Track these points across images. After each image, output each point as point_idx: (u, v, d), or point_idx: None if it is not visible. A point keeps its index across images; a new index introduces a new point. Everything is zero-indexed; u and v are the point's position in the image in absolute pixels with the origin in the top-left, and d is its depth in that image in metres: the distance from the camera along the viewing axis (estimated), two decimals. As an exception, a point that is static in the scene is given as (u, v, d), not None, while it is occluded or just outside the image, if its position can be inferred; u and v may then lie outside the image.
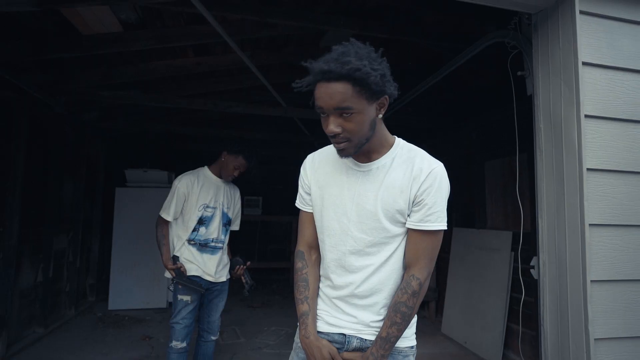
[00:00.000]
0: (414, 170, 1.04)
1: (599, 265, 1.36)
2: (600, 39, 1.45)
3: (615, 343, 1.33)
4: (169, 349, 2.21)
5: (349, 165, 1.08)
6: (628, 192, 1.41)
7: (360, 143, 0.99)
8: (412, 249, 1.05)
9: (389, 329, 1.01)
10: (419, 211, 1.03)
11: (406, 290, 1.03)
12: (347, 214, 1.05)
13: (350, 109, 0.93)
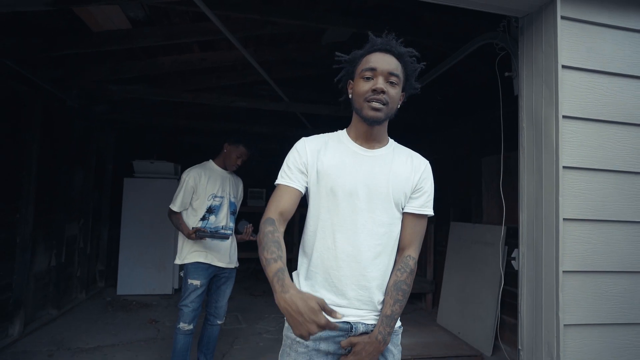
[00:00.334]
0: (414, 163, 1.17)
1: (571, 257, 1.46)
2: (580, 43, 1.53)
3: (583, 329, 1.43)
4: (177, 330, 2.34)
5: (354, 150, 1.14)
6: (601, 189, 1.49)
7: (389, 114, 1.09)
8: (409, 232, 1.13)
9: (393, 307, 1.07)
10: (419, 198, 1.14)
11: (405, 269, 1.10)
12: (358, 195, 1.08)
13: (398, 77, 1.07)
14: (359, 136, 1.15)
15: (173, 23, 2.98)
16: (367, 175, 1.10)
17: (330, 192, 1.09)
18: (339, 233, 1.09)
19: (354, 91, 1.11)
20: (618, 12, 1.55)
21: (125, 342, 3.30)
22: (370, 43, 1.10)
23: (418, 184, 1.15)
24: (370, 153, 1.14)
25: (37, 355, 2.96)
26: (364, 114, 1.08)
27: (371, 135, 1.14)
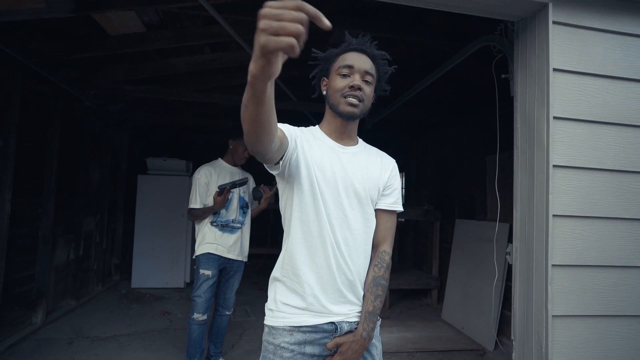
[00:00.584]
0: (384, 161, 1.21)
1: (560, 251, 1.53)
2: (571, 47, 1.59)
3: (571, 320, 1.51)
4: (191, 320, 2.44)
5: (332, 147, 1.14)
6: (590, 187, 1.56)
7: (364, 111, 1.12)
8: (382, 228, 1.16)
9: (374, 302, 1.09)
10: (391, 195, 1.18)
11: (382, 264, 1.13)
12: (339, 191, 1.09)
13: (373, 76, 1.12)
14: (332, 132, 1.16)
15: (185, 26, 3.11)
16: (346, 172, 1.11)
17: (314, 188, 1.07)
18: (323, 229, 1.06)
19: (329, 87, 1.12)
20: (609, 16, 1.61)
21: (140, 332, 3.46)
22: (347, 42, 1.13)
23: (388, 181, 1.18)
24: (347, 150, 1.15)
25: (59, 343, 3.13)
26: (340, 109, 1.09)
27: (345, 132, 1.16)
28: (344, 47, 1.13)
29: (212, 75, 4.15)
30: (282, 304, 1.08)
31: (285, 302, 1.08)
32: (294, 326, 1.06)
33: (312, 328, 1.06)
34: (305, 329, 1.06)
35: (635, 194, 1.57)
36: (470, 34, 2.61)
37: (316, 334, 1.06)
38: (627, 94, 1.60)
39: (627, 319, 1.54)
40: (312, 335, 1.06)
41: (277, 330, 1.06)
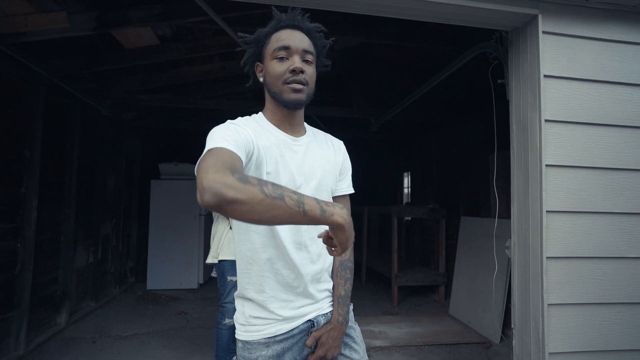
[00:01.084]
0: (335, 145, 1.15)
1: (553, 244, 1.65)
2: (560, 54, 1.71)
3: (564, 308, 1.62)
4: (222, 326, 2.49)
5: (283, 139, 1.02)
6: (581, 183, 1.68)
7: (310, 95, 1.00)
8: None
9: (345, 286, 1.09)
10: (345, 179, 1.14)
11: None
12: (297, 186, 1.00)
13: (313, 55, 1.00)
14: (281, 123, 1.03)
15: (196, 38, 3.27)
16: (301, 167, 1.03)
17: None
18: (285, 232, 0.99)
19: (267, 74, 1.00)
20: (596, 25, 1.72)
21: (159, 330, 3.63)
22: (276, 19, 1.01)
23: (342, 165, 1.14)
24: (301, 141, 1.05)
25: (83, 342, 3.31)
26: (285, 97, 0.97)
27: (294, 120, 1.04)
28: (274, 24, 1.01)
29: (222, 82, 4.31)
30: (252, 317, 1.01)
31: (255, 315, 1.01)
32: (269, 337, 0.99)
33: (288, 334, 1.00)
34: (281, 337, 0.99)
35: (622, 190, 1.69)
36: (469, 39, 2.74)
37: (293, 338, 1.01)
38: (614, 97, 1.72)
39: (617, 306, 1.65)
40: (290, 341, 1.01)
41: (252, 345, 0.99)
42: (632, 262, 1.67)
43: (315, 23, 1.04)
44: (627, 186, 1.70)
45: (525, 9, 1.69)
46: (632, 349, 1.65)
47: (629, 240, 1.68)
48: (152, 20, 2.61)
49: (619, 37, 1.73)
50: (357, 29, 3.02)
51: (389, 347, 3.28)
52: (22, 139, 2.95)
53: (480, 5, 1.65)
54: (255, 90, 4.69)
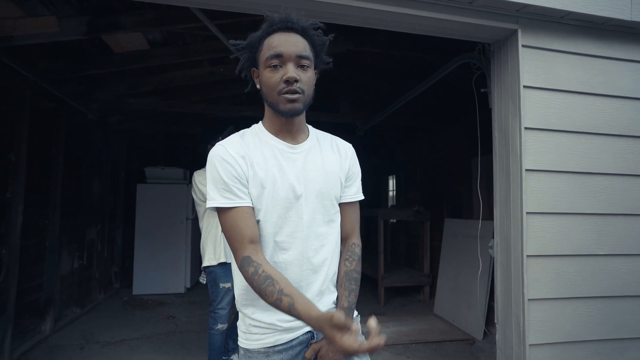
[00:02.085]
0: (340, 149, 1.10)
1: (533, 243, 1.77)
2: (538, 66, 1.84)
3: (543, 302, 1.74)
4: (214, 331, 2.49)
5: (281, 148, 1.01)
6: (557, 187, 1.80)
7: (307, 102, 0.97)
8: (349, 221, 1.10)
9: (349, 297, 1.03)
10: (353, 185, 1.10)
11: (353, 258, 1.08)
12: (298, 197, 0.99)
13: (309, 59, 0.95)
14: (280, 131, 1.02)
15: (187, 43, 3.29)
16: (302, 175, 1.00)
17: (272, 203, 0.97)
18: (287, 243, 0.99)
19: (262, 82, 0.97)
20: (570, 39, 1.86)
21: (148, 335, 3.60)
22: (268, 22, 0.96)
23: (349, 170, 1.09)
24: (299, 148, 1.02)
25: (70, 349, 3.26)
26: (280, 108, 0.95)
27: (293, 128, 1.02)
28: (266, 28, 0.96)
29: (210, 86, 4.33)
30: (252, 326, 1.00)
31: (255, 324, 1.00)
32: (269, 347, 0.98)
33: (288, 344, 0.98)
34: (280, 348, 0.98)
35: (594, 193, 1.83)
36: (454, 47, 2.87)
37: (293, 349, 0.99)
38: (586, 106, 1.86)
39: (591, 300, 1.78)
40: (290, 352, 0.99)
41: (252, 353, 0.99)
42: (602, 258, 1.81)
43: (311, 20, 0.98)
44: (598, 189, 1.84)
45: (506, 24, 1.81)
46: (604, 338, 1.79)
47: (599, 239, 1.82)
48: (143, 26, 2.63)
49: (590, 51, 1.87)
50: (345, 36, 3.11)
51: (378, 346, 3.36)
52: (8, 143, 2.90)
53: (464, 20, 1.76)
54: (244, 94, 4.73)
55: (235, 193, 0.95)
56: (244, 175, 0.96)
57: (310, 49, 0.97)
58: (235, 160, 0.96)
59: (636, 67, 1.89)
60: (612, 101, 1.87)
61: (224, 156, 0.97)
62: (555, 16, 1.82)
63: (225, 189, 0.95)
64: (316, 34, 0.99)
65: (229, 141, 1.01)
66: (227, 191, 0.95)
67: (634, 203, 1.86)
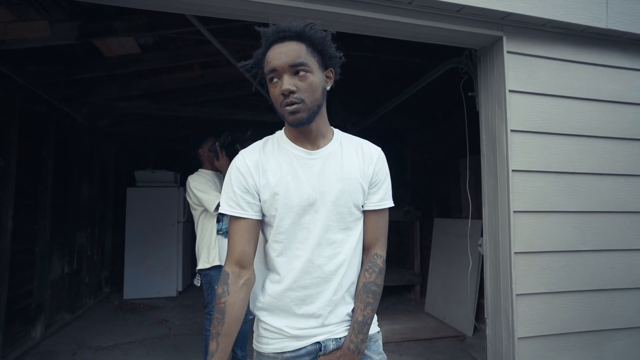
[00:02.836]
0: (365, 153, 1.05)
1: (520, 241, 1.84)
2: (522, 72, 1.92)
3: (530, 297, 1.82)
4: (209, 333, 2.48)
5: (298, 154, 1.01)
6: (542, 186, 1.89)
7: (313, 108, 0.95)
8: (372, 229, 1.04)
9: (364, 311, 0.98)
10: (377, 192, 1.04)
11: (373, 269, 1.02)
12: (312, 204, 0.98)
13: (305, 65, 0.92)
14: (298, 138, 1.02)
15: (178, 47, 3.30)
16: (318, 182, 0.99)
17: (285, 210, 0.98)
18: (299, 250, 0.98)
19: (271, 97, 0.99)
20: (551, 46, 1.95)
21: (141, 339, 3.59)
22: (264, 37, 0.96)
23: (374, 176, 1.04)
24: (316, 155, 1.01)
25: (62, 354, 3.23)
26: (287, 120, 0.96)
27: (311, 134, 1.01)
28: (264, 43, 0.97)
29: (201, 90, 4.34)
30: (263, 329, 1.02)
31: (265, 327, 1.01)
32: (278, 352, 0.99)
33: (296, 352, 0.98)
34: (289, 355, 0.98)
35: (577, 191, 1.92)
36: (443, 51, 2.95)
37: (300, 358, 0.99)
38: (567, 109, 1.95)
39: (575, 294, 1.87)
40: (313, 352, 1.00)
41: (263, 357, 1.01)
42: (585, 254, 1.90)
43: (306, 21, 0.95)
44: (580, 188, 1.93)
45: (491, 31, 1.89)
46: (587, 330, 1.88)
47: (582, 236, 1.91)
48: (135, 31, 2.64)
49: (570, 57, 1.97)
50: (335, 42, 3.16)
51: (371, 345, 3.41)
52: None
53: (452, 27, 1.84)
54: (234, 97, 4.75)
55: (240, 204, 0.99)
56: (254, 186, 0.99)
57: (311, 51, 0.95)
58: (248, 171, 0.99)
59: (611, 71, 2.00)
60: (590, 104, 1.97)
61: (239, 166, 1.01)
62: (538, 24, 1.91)
63: (233, 197, 1.00)
64: (314, 33, 0.95)
65: (248, 150, 1.04)
66: (233, 200, 1.00)
67: (612, 201, 1.96)
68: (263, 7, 1.67)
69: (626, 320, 1.93)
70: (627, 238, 1.96)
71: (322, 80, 0.98)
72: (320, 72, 0.97)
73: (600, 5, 1.90)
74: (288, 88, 0.92)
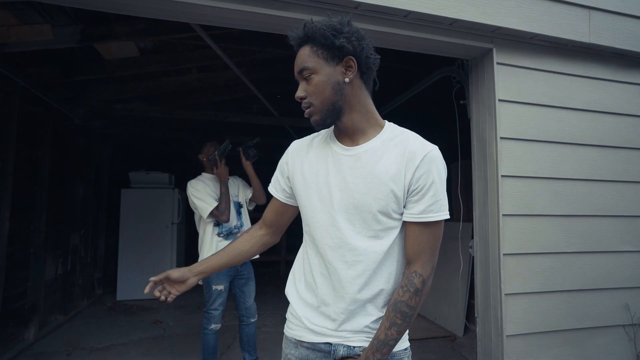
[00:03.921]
0: (407, 153, 0.91)
1: (509, 243, 1.94)
2: (511, 82, 2.03)
3: (518, 296, 1.92)
4: (207, 331, 2.53)
5: (335, 150, 0.97)
6: (529, 191, 1.99)
7: (325, 108, 0.91)
8: (412, 243, 0.92)
9: (388, 330, 0.88)
10: (420, 201, 0.90)
11: (408, 288, 0.90)
12: (333, 203, 0.93)
13: (307, 68, 0.90)
14: (339, 134, 0.99)
15: (177, 51, 3.35)
16: (344, 180, 0.94)
17: (309, 204, 0.98)
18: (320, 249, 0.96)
19: None
20: (539, 58, 2.06)
21: (136, 340, 3.60)
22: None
23: (414, 183, 0.90)
24: (351, 151, 0.95)
25: (56, 355, 3.23)
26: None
27: (347, 131, 0.96)
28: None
29: (198, 92, 4.38)
30: (289, 314, 1.04)
31: (290, 312, 1.04)
32: (298, 340, 0.99)
33: (311, 345, 0.97)
34: (307, 345, 0.98)
35: (562, 196, 2.02)
36: (436, 59, 3.05)
37: (315, 353, 0.97)
38: (553, 118, 2.06)
39: (560, 294, 1.98)
40: (316, 353, 0.97)
41: (287, 340, 1.03)
42: (570, 256, 2.01)
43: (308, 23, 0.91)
44: (565, 193, 2.03)
45: (482, 43, 1.99)
46: (571, 328, 1.98)
47: (567, 238, 2.01)
48: (136, 35, 2.68)
49: (556, 68, 2.08)
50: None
51: (364, 345, 3.48)
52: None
53: (445, 39, 1.93)
54: (230, 100, 4.80)
55: (274, 185, 1.11)
56: (288, 172, 1.05)
57: (315, 50, 0.91)
58: (289, 158, 1.06)
59: (594, 83, 2.12)
60: (574, 114, 2.08)
61: (287, 151, 1.09)
62: (525, 37, 2.02)
63: (274, 176, 1.11)
64: (311, 30, 0.91)
65: (298, 140, 1.09)
66: (274, 178, 1.11)
67: (595, 205, 2.07)
68: (262, 18, 1.74)
69: (608, 318, 2.04)
70: (609, 240, 2.07)
71: (335, 76, 0.91)
72: (331, 67, 0.91)
73: (584, 21, 2.02)
74: (298, 95, 0.94)
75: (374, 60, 0.95)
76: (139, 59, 3.27)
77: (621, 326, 2.03)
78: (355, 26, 0.93)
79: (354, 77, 0.93)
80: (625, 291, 2.04)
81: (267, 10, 1.69)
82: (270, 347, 3.41)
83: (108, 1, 1.59)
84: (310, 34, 0.91)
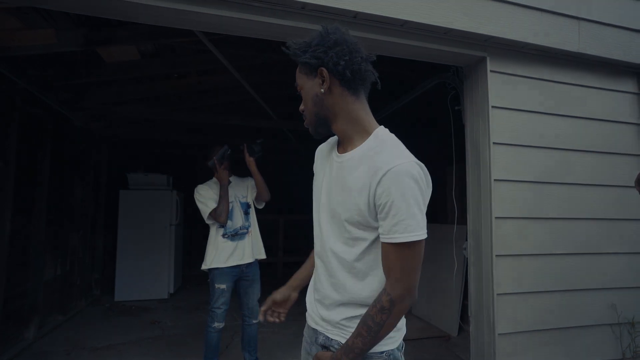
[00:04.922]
0: (372, 168, 0.88)
1: (501, 245, 2.01)
2: (504, 89, 2.10)
3: (510, 296, 1.99)
4: (211, 329, 2.58)
5: (332, 156, 1.02)
6: (520, 194, 2.06)
7: (312, 119, 0.97)
8: (384, 262, 0.89)
9: (355, 338, 0.89)
10: (384, 219, 0.86)
11: (375, 304, 0.88)
12: (320, 207, 1.01)
13: (298, 85, 0.98)
14: (340, 140, 1.02)
15: (177, 55, 3.40)
16: (329, 186, 0.98)
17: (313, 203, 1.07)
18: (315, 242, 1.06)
19: None
20: (529, 66, 2.14)
21: (134, 340, 3.63)
22: None
23: (376, 200, 0.86)
24: (340, 159, 0.97)
25: (56, 355, 3.26)
26: None
27: (341, 138, 1.00)
28: None
29: (197, 95, 4.43)
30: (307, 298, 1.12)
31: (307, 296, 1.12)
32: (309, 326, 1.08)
33: (312, 330, 1.05)
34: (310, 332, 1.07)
35: (551, 199, 2.10)
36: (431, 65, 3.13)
37: (309, 333, 1.07)
38: (543, 124, 2.13)
39: (549, 294, 2.05)
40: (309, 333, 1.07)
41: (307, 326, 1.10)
42: (558, 257, 2.08)
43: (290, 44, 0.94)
44: (554, 196, 2.11)
45: (475, 51, 2.06)
46: (560, 327, 2.05)
47: (556, 240, 2.09)
48: (139, 39, 2.74)
49: (546, 76, 2.16)
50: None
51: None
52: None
53: (440, 47, 2.00)
54: (229, 103, 4.85)
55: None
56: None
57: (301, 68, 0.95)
58: (315, 161, 1.12)
59: (582, 90, 2.20)
60: (563, 120, 2.16)
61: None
62: (517, 46, 2.09)
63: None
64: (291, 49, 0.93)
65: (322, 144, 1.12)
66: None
67: (582, 208, 2.15)
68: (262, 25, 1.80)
69: (594, 318, 2.11)
70: (596, 243, 2.15)
71: (311, 89, 0.93)
72: (311, 80, 0.93)
73: (573, 31, 2.10)
74: (300, 109, 1.00)
75: (350, 65, 0.90)
76: (139, 62, 3.32)
77: (608, 325, 2.11)
78: (333, 35, 0.91)
79: (333, 86, 0.92)
80: (612, 291, 2.12)
81: (268, 19, 1.75)
82: (269, 347, 3.45)
83: (119, 10, 1.64)
84: (293, 53, 0.93)
